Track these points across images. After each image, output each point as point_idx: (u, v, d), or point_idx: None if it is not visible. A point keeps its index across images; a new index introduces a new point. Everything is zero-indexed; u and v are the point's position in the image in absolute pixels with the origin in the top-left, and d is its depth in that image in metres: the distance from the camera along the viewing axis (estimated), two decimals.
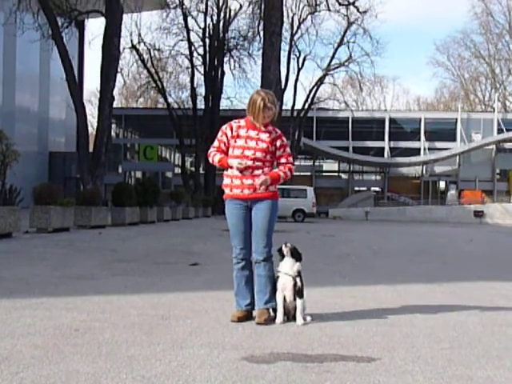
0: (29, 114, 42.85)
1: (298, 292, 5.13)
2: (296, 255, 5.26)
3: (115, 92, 28.70)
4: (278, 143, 5.39)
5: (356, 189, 65.98)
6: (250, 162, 5.25)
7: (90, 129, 28.72)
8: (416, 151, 63.08)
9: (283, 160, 5.40)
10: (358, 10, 45.47)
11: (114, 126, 57.10)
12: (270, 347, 4.26)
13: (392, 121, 64.59)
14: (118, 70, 30.49)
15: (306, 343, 4.42)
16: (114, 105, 28.73)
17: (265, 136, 5.34)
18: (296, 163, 56.75)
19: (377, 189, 66.00)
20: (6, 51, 37.96)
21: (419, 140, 63.51)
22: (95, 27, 62.07)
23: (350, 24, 49.20)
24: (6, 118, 35.98)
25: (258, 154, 5.28)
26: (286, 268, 5.19)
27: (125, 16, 29.42)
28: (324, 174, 68.88)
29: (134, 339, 4.40)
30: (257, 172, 5.27)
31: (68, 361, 3.77)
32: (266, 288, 5.25)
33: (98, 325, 4.85)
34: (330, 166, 69.61)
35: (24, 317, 5.09)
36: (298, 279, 5.15)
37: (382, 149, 64.22)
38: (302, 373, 3.65)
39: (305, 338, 4.58)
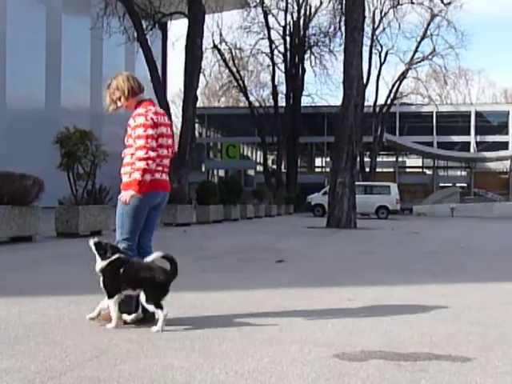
0: (115, 115, 43.96)
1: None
2: (102, 251, 4.65)
3: (198, 92, 29.08)
4: (132, 124, 4.74)
5: (441, 185, 64.49)
6: (126, 151, 4.82)
7: (173, 128, 29.22)
8: (504, 145, 61.11)
9: (133, 148, 4.73)
10: (441, 2, 44.28)
11: (197, 125, 58.06)
12: (361, 345, 4.22)
13: (478, 114, 62.82)
14: (201, 70, 30.89)
15: (397, 341, 4.35)
16: (197, 104, 29.13)
17: (131, 120, 4.81)
18: (379, 159, 56.44)
19: (463, 185, 64.34)
20: (93, 55, 39.16)
21: (507, 134, 61.51)
22: (178, 28, 63.03)
23: (433, 16, 48.12)
24: (94, 120, 37.12)
25: (128, 141, 4.81)
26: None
27: (206, 16, 29.72)
28: (407, 170, 67.81)
29: (226, 335, 4.45)
30: (124, 161, 4.83)
31: (162, 355, 3.86)
32: None
33: (189, 320, 4.94)
34: (413, 161, 68.50)
35: None
36: (101, 278, 4.65)
37: (468, 143, 62.68)
38: (395, 371, 3.60)
39: (396, 337, 4.51)
